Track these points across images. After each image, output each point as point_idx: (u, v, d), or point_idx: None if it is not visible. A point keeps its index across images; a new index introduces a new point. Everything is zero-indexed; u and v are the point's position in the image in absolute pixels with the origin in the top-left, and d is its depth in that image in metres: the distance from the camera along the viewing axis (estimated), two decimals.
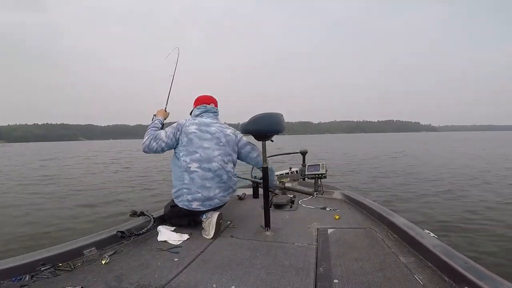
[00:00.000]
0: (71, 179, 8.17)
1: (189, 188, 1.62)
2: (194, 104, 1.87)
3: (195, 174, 1.62)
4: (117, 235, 1.48)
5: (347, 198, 2.37)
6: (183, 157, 1.64)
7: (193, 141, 1.66)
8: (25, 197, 5.58)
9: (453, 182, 6.08)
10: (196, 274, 1.16)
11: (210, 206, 1.66)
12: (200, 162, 1.63)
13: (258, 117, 1.62)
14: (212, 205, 1.67)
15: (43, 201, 5.25)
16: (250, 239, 1.57)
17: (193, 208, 1.63)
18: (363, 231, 1.65)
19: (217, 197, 1.68)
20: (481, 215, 3.69)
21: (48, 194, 5.83)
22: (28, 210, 4.53)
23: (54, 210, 4.51)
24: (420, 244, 1.28)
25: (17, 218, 4.05)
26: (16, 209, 4.65)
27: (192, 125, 1.70)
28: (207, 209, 1.66)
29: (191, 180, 1.62)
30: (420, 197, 4.79)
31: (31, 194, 5.86)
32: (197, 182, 1.62)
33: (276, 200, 2.26)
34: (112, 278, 1.12)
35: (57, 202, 5.12)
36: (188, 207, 1.64)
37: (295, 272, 1.16)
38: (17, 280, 1.08)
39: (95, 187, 6.64)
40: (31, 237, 3.28)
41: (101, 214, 4.22)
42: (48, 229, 3.53)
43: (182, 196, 1.64)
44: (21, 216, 4.16)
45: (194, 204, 1.63)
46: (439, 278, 1.07)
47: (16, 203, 5.10)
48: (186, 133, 1.67)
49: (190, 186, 1.62)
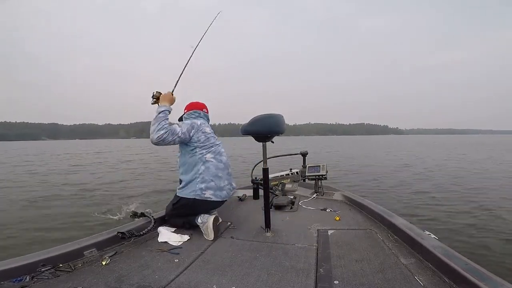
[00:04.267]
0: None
1: (203, 177, 1.70)
2: (186, 109, 1.93)
3: (210, 164, 1.73)
4: (117, 236, 1.48)
5: (348, 199, 2.36)
6: (200, 150, 1.74)
7: (209, 138, 1.80)
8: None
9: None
10: (196, 275, 1.16)
11: (219, 197, 1.74)
12: (215, 154, 1.78)
13: (258, 118, 1.62)
14: (221, 196, 1.76)
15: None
16: (250, 240, 1.57)
17: (205, 197, 1.69)
18: (363, 232, 1.64)
19: (226, 188, 1.78)
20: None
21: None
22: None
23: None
24: (420, 245, 1.27)
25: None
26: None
27: (205, 126, 1.84)
28: (217, 199, 1.73)
29: (206, 169, 1.71)
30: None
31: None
32: (211, 171, 1.72)
33: (277, 201, 2.26)
34: (113, 279, 1.12)
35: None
36: (200, 196, 1.68)
37: (295, 273, 1.16)
38: (17, 281, 1.08)
39: None
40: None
41: None
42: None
43: (194, 185, 1.69)
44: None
45: (207, 193, 1.69)
46: (440, 279, 1.07)
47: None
48: (204, 132, 1.79)
49: (204, 175, 1.70)
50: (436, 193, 5.21)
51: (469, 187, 5.78)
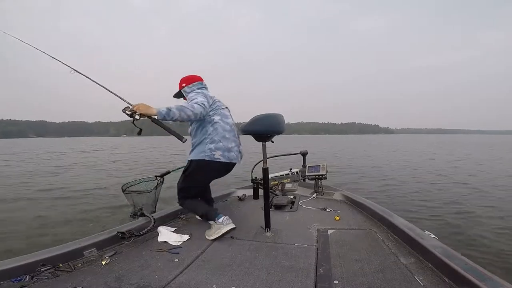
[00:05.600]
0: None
1: (212, 138, 1.76)
2: (187, 82, 1.93)
3: (218, 125, 1.80)
4: (117, 235, 1.48)
5: (348, 199, 2.36)
6: (208, 115, 1.80)
7: (215, 102, 1.87)
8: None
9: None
10: (196, 275, 1.16)
11: (228, 158, 1.77)
12: (221, 117, 1.84)
13: (258, 118, 1.61)
14: (230, 158, 1.78)
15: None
16: (250, 240, 1.57)
17: (215, 158, 1.73)
18: (363, 232, 1.64)
19: (234, 150, 1.81)
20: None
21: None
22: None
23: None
24: (420, 245, 1.27)
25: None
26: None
27: (210, 93, 1.93)
28: (226, 161, 1.76)
29: (214, 130, 1.78)
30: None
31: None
32: (219, 132, 1.78)
33: (276, 201, 2.26)
34: (112, 279, 1.12)
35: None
36: (210, 157, 1.72)
37: (295, 273, 1.16)
38: (17, 281, 1.08)
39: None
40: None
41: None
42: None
43: (204, 146, 1.75)
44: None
45: (216, 154, 1.74)
46: (439, 279, 1.07)
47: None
48: (214, 100, 1.88)
49: (213, 136, 1.77)
50: (438, 192, 5.20)
51: (468, 186, 5.79)
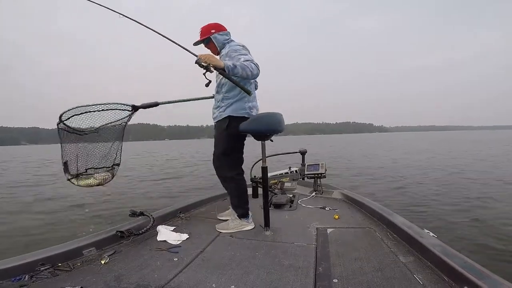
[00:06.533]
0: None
1: (248, 97, 1.72)
2: (217, 29, 1.75)
3: (253, 86, 1.81)
4: (116, 235, 1.48)
5: (347, 197, 2.37)
6: None
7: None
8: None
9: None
10: (195, 274, 1.16)
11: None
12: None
13: (257, 116, 1.61)
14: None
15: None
16: (249, 238, 1.58)
17: (253, 115, 1.73)
18: (362, 231, 1.65)
19: (258, 108, 1.81)
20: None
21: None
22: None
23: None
24: (419, 244, 1.28)
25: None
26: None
27: None
28: None
29: (252, 90, 1.75)
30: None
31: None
32: (254, 92, 1.80)
33: (276, 199, 2.26)
34: (112, 278, 1.12)
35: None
36: (249, 114, 1.71)
37: (294, 272, 1.16)
38: (16, 280, 1.08)
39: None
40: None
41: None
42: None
43: (243, 104, 1.69)
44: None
45: (254, 111, 1.74)
46: (439, 277, 1.07)
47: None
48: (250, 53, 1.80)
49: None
50: (436, 188, 5.20)
51: (467, 185, 5.79)
